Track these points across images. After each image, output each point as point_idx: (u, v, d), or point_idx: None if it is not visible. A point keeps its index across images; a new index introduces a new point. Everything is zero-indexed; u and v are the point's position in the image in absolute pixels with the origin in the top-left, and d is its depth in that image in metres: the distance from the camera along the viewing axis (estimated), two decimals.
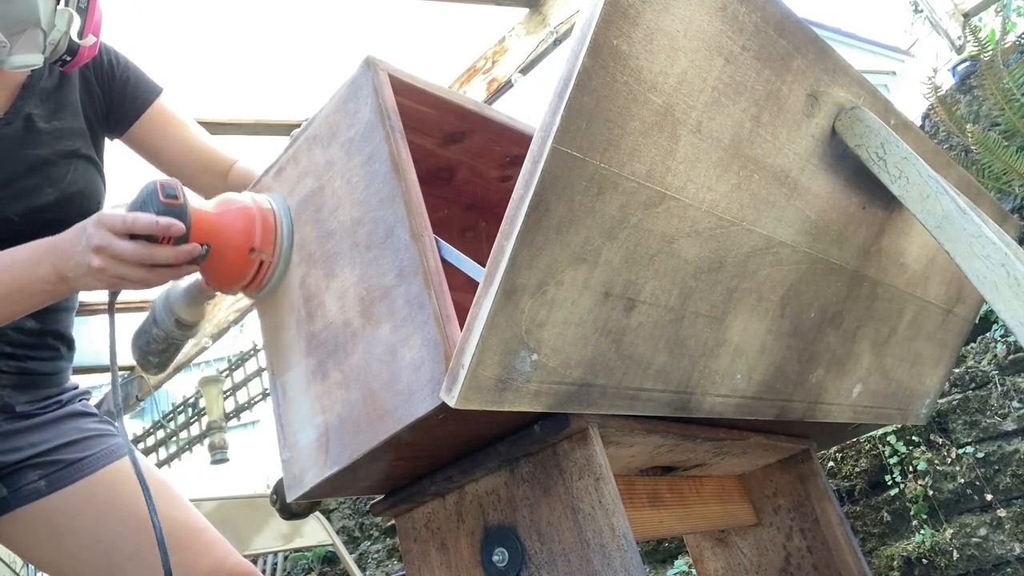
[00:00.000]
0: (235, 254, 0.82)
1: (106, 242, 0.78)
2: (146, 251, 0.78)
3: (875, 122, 0.80)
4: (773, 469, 1.25)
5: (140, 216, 0.78)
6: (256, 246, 0.82)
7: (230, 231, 0.82)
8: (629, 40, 0.59)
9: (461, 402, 0.59)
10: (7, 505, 1.05)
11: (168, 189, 0.80)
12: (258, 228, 0.83)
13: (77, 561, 1.05)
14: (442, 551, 0.82)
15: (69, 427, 1.11)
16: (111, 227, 0.79)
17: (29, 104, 1.04)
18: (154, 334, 0.92)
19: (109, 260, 0.79)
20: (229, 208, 0.83)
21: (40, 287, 0.85)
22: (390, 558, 3.30)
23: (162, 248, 0.79)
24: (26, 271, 0.85)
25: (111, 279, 0.81)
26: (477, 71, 2.98)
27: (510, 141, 1.01)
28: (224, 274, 0.84)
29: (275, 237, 0.84)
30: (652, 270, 0.69)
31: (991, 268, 0.72)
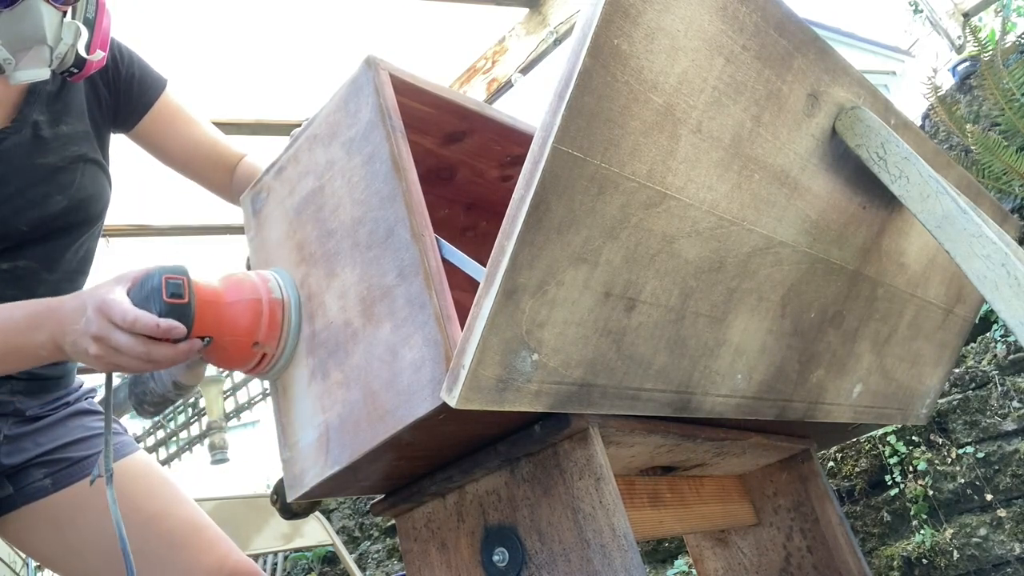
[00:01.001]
0: (237, 347, 0.81)
1: (104, 333, 0.77)
2: (144, 348, 0.77)
3: (875, 122, 0.80)
4: (773, 469, 1.25)
5: (140, 317, 0.76)
6: (260, 340, 0.81)
7: (235, 325, 0.80)
8: (630, 40, 0.59)
9: (462, 402, 0.59)
10: (13, 503, 1.05)
11: (173, 287, 0.78)
12: (264, 323, 0.81)
13: (83, 558, 1.06)
14: (442, 551, 0.82)
15: (75, 425, 1.12)
16: (111, 319, 0.77)
17: (35, 111, 1.03)
18: (150, 388, 0.91)
19: (107, 350, 0.77)
20: (237, 298, 0.81)
21: (36, 352, 0.84)
22: (390, 558, 3.30)
23: (161, 346, 0.77)
24: (23, 336, 0.84)
25: (108, 366, 0.80)
26: (477, 71, 2.98)
27: (511, 141, 1.01)
28: (224, 361, 0.84)
29: (281, 331, 0.82)
30: (653, 270, 0.69)
31: (991, 268, 0.72)
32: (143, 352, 0.76)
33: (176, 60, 2.90)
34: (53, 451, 1.08)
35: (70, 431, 1.10)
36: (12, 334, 0.84)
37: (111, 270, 1.23)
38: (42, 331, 0.83)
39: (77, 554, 1.06)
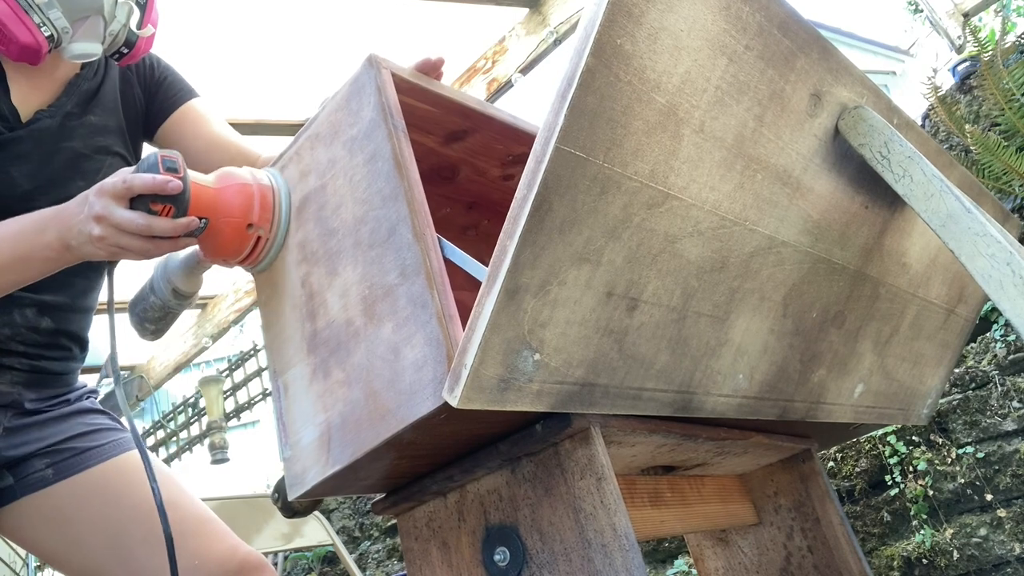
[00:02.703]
0: (232, 229, 0.83)
1: (106, 211, 0.79)
2: (145, 221, 0.79)
3: (879, 121, 0.80)
4: (774, 469, 1.25)
5: (138, 175, 0.79)
6: (254, 222, 0.83)
7: (228, 207, 0.83)
8: (633, 39, 0.59)
9: (463, 402, 0.59)
10: (13, 494, 1.04)
11: (168, 162, 0.81)
12: (256, 204, 0.84)
13: (84, 549, 1.05)
14: (443, 550, 0.82)
15: (77, 422, 1.11)
16: (112, 193, 0.79)
17: (71, 101, 1.06)
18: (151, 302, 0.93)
19: (109, 229, 0.80)
20: (228, 184, 0.84)
21: (44, 255, 0.86)
22: (390, 558, 3.30)
23: (161, 220, 0.80)
24: (31, 239, 0.86)
25: (111, 248, 0.82)
26: (477, 71, 2.98)
27: (512, 139, 1.01)
28: (221, 248, 0.85)
29: (273, 214, 0.85)
30: (655, 270, 0.69)
31: (996, 267, 0.72)
32: (144, 225, 0.79)
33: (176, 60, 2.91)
34: (56, 443, 1.07)
35: (72, 427, 1.10)
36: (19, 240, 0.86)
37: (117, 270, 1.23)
38: (48, 232, 0.85)
39: (78, 547, 1.05)
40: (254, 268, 0.88)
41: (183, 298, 0.92)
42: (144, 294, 0.94)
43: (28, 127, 1.01)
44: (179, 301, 0.93)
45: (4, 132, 1.00)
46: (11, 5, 0.91)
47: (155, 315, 0.93)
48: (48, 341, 1.09)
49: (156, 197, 0.79)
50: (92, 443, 1.09)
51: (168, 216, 0.80)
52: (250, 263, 0.87)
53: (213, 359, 6.88)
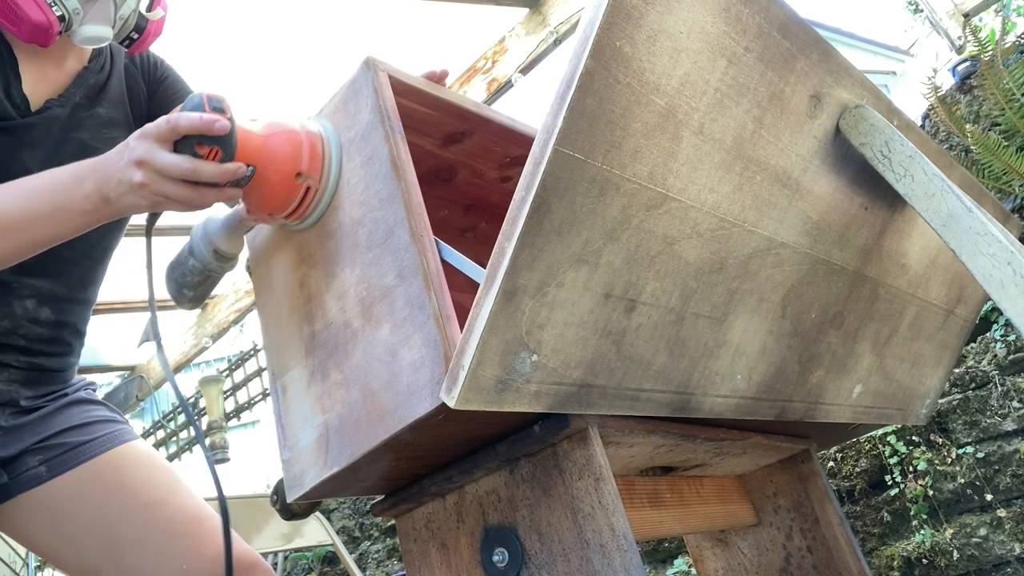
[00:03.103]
0: (281, 178, 0.78)
1: (149, 155, 0.74)
2: (190, 165, 0.74)
3: (880, 120, 0.80)
4: (773, 469, 1.25)
5: (183, 114, 0.73)
6: (303, 171, 0.78)
7: (277, 154, 0.78)
8: (632, 42, 0.59)
9: (461, 403, 0.59)
10: (8, 492, 1.04)
11: (214, 101, 0.75)
12: (305, 152, 0.79)
13: (78, 547, 1.04)
14: (442, 551, 0.82)
15: (73, 412, 1.10)
16: (155, 135, 0.74)
17: (80, 93, 1.06)
18: (190, 265, 0.87)
19: (152, 175, 0.75)
20: (276, 131, 0.79)
21: (81, 207, 0.81)
22: (390, 558, 3.30)
23: (207, 164, 0.74)
24: (68, 191, 0.81)
25: (153, 197, 0.76)
26: (477, 71, 2.98)
27: (510, 142, 1.01)
28: (269, 199, 0.80)
29: (322, 163, 0.80)
30: (653, 271, 0.69)
31: (997, 266, 0.72)
32: (189, 170, 0.73)
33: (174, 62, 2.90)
34: (49, 438, 1.06)
35: (68, 418, 1.09)
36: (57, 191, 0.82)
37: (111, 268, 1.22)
38: (86, 182, 0.80)
39: (73, 543, 1.04)
40: (300, 223, 0.82)
41: (225, 260, 0.87)
42: (182, 258, 0.88)
43: (39, 115, 1.01)
44: (220, 263, 0.87)
45: (16, 118, 0.99)
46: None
47: (195, 279, 0.87)
48: (49, 335, 1.08)
49: (203, 138, 0.74)
50: (86, 437, 1.08)
51: (215, 160, 0.75)
52: (297, 217, 0.82)
53: (213, 359, 6.88)
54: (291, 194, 0.79)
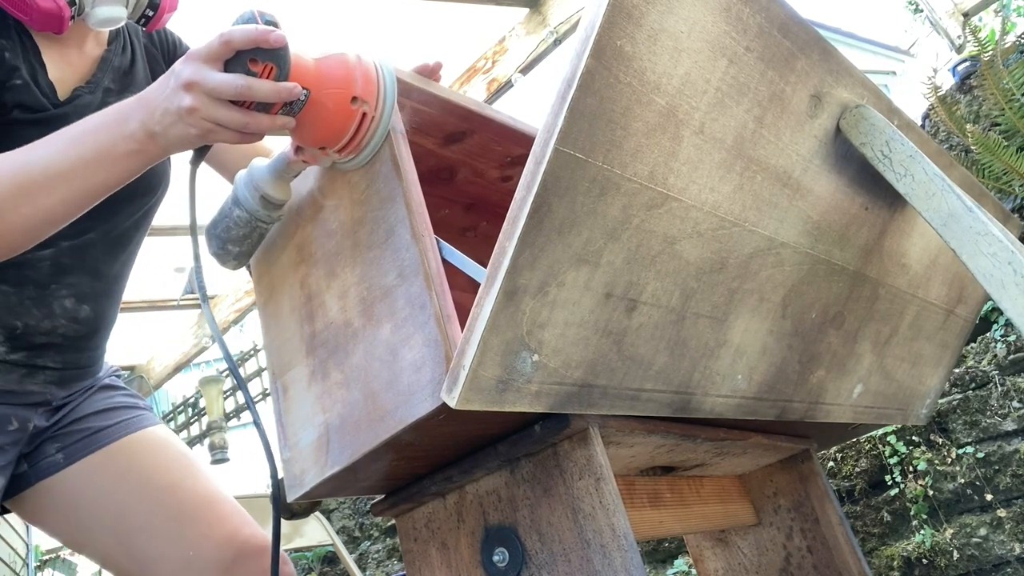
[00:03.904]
0: (336, 102, 0.74)
1: (198, 75, 0.69)
2: (244, 82, 0.69)
3: (880, 120, 0.80)
4: (773, 469, 1.25)
5: (236, 28, 0.69)
6: (358, 94, 0.74)
7: (331, 77, 0.74)
8: (633, 41, 0.59)
9: (462, 403, 0.59)
10: (27, 480, 1.04)
11: (266, 15, 0.71)
12: (359, 76, 0.74)
13: (92, 533, 1.05)
14: (442, 551, 0.82)
15: (95, 399, 1.11)
16: (205, 54, 0.69)
17: (107, 77, 1.03)
18: (235, 216, 0.81)
19: (202, 97, 0.70)
20: (328, 56, 0.75)
21: (127, 147, 0.75)
22: (390, 558, 3.30)
23: (262, 82, 0.69)
24: (112, 131, 0.75)
25: (203, 124, 0.71)
26: (477, 71, 2.98)
27: (511, 141, 1.01)
28: (323, 127, 0.75)
29: (377, 88, 0.75)
30: (654, 271, 0.69)
31: (997, 266, 0.72)
32: (244, 86, 0.69)
33: None
34: (68, 424, 1.07)
35: (90, 404, 1.10)
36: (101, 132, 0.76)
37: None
38: (131, 120, 0.75)
39: (87, 531, 1.05)
40: (354, 158, 0.77)
41: (273, 208, 0.81)
42: (225, 211, 0.82)
43: (71, 103, 0.98)
44: (269, 212, 0.81)
45: (49, 108, 0.96)
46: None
47: (240, 232, 0.81)
48: (87, 331, 1.06)
49: (257, 52, 0.69)
50: (102, 423, 1.08)
51: (270, 78, 0.70)
52: (352, 150, 0.76)
53: (213, 359, 6.88)
54: (347, 121, 0.74)
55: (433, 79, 0.89)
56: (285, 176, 0.81)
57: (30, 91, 0.92)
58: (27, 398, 1.03)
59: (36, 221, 0.77)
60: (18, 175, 0.75)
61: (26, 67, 0.93)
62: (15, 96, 0.91)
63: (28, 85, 0.92)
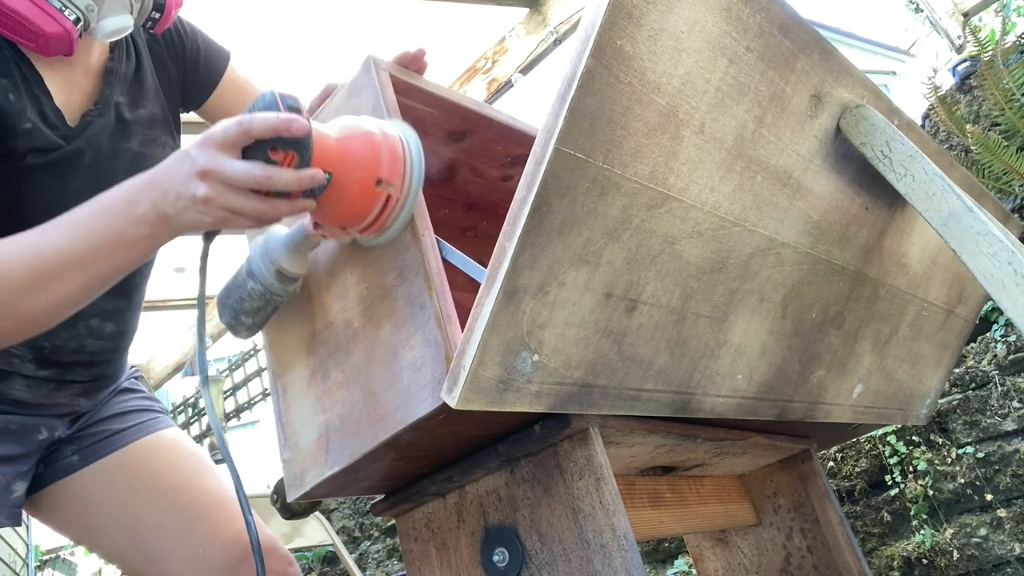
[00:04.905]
0: (360, 186, 0.70)
1: (214, 164, 0.65)
2: (263, 172, 0.65)
3: (880, 120, 0.80)
4: (773, 469, 1.25)
5: (257, 115, 0.65)
6: (383, 177, 0.70)
7: (354, 159, 0.70)
8: (633, 41, 0.59)
9: (462, 403, 0.59)
10: (43, 480, 1.06)
11: (289, 100, 0.67)
12: (385, 157, 0.70)
13: (105, 532, 1.06)
14: (442, 551, 0.82)
15: (114, 402, 1.12)
16: (222, 141, 0.65)
17: (116, 92, 0.99)
18: (249, 289, 0.77)
19: (218, 186, 0.66)
20: (352, 134, 0.71)
21: (139, 231, 0.71)
22: (390, 558, 3.30)
23: (282, 171, 0.65)
24: (122, 215, 0.71)
25: (219, 212, 0.67)
26: (477, 71, 2.98)
27: (511, 141, 1.01)
28: (345, 209, 0.71)
29: (403, 168, 0.72)
30: (654, 271, 0.69)
31: (998, 266, 0.72)
32: (262, 177, 0.65)
33: None
34: (86, 427, 1.08)
35: (108, 407, 1.11)
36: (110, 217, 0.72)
37: None
38: (141, 202, 0.70)
39: (102, 531, 1.06)
40: (378, 236, 0.74)
41: (289, 281, 0.77)
42: (239, 281, 0.78)
43: (83, 134, 0.94)
44: (284, 286, 0.77)
45: (62, 145, 0.91)
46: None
47: (254, 304, 0.77)
48: (112, 346, 1.07)
49: (278, 141, 0.65)
50: (118, 426, 1.09)
51: (291, 166, 0.66)
52: (374, 230, 0.73)
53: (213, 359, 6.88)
54: (370, 203, 0.71)
55: (416, 67, 0.87)
56: (302, 249, 0.77)
57: (40, 132, 0.89)
58: (56, 409, 1.05)
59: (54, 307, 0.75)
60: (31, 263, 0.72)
61: (31, 103, 0.89)
62: (26, 142, 0.88)
63: (37, 127, 0.89)
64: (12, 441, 1.00)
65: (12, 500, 1.00)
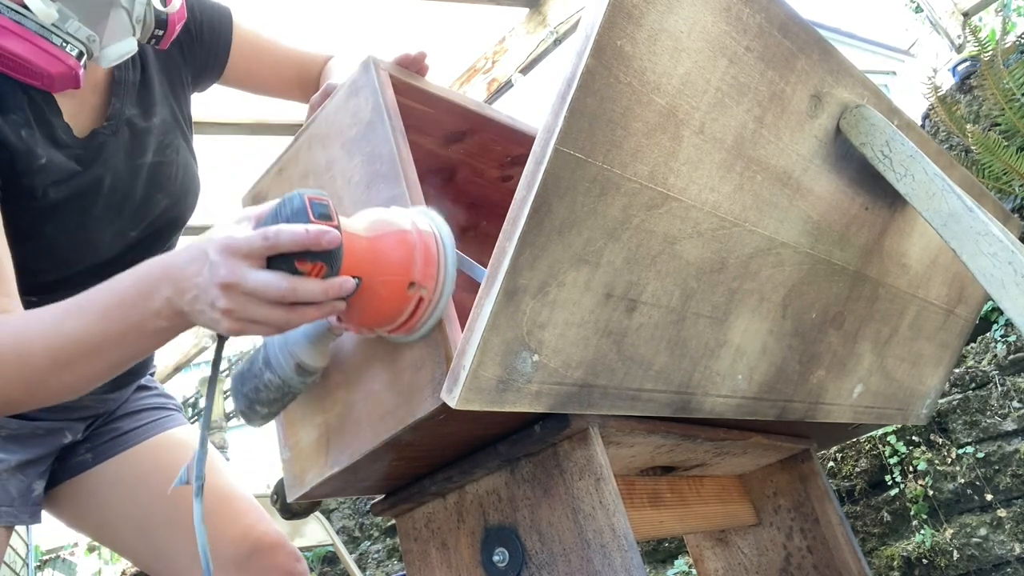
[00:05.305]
0: (391, 290, 0.66)
1: (237, 277, 0.61)
2: (288, 285, 0.61)
3: (880, 120, 0.80)
4: (773, 469, 1.25)
5: (284, 228, 0.60)
6: (416, 280, 0.66)
7: (387, 262, 0.66)
8: (633, 41, 0.59)
9: (462, 403, 0.59)
10: (56, 478, 1.07)
11: (319, 206, 0.62)
12: (419, 258, 0.67)
13: (117, 531, 1.07)
14: (442, 551, 0.82)
15: (129, 400, 1.13)
16: (247, 252, 0.61)
17: (126, 105, 0.97)
18: (266, 380, 0.73)
19: (240, 298, 0.61)
20: (384, 231, 0.67)
21: (154, 325, 0.68)
22: (390, 558, 3.30)
23: (309, 281, 0.61)
24: (137, 307, 0.68)
25: (239, 323, 0.63)
26: (477, 71, 2.98)
27: (511, 141, 1.01)
28: (374, 313, 0.68)
29: (437, 270, 0.68)
30: (654, 271, 0.69)
31: (998, 266, 0.72)
32: (287, 289, 0.61)
33: None
34: (100, 426, 1.09)
35: (124, 405, 1.12)
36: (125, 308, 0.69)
37: None
38: (157, 296, 0.67)
39: (114, 527, 1.07)
40: (407, 336, 0.71)
41: (308, 375, 0.73)
42: (255, 370, 0.74)
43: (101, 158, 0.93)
44: (303, 379, 0.73)
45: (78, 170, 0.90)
46: (25, 36, 0.78)
47: (270, 396, 0.73)
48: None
49: (306, 254, 0.61)
50: (131, 425, 1.10)
51: (318, 276, 0.62)
52: (403, 331, 0.70)
53: None
54: (401, 307, 0.67)
55: (417, 70, 0.87)
56: (324, 341, 0.73)
57: (54, 164, 0.88)
58: (84, 412, 1.06)
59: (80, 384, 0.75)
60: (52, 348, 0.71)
61: (43, 132, 0.88)
62: (44, 178, 0.88)
63: (51, 160, 0.88)
64: (38, 445, 1.02)
65: (33, 499, 1.02)
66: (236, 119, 2.94)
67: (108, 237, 0.96)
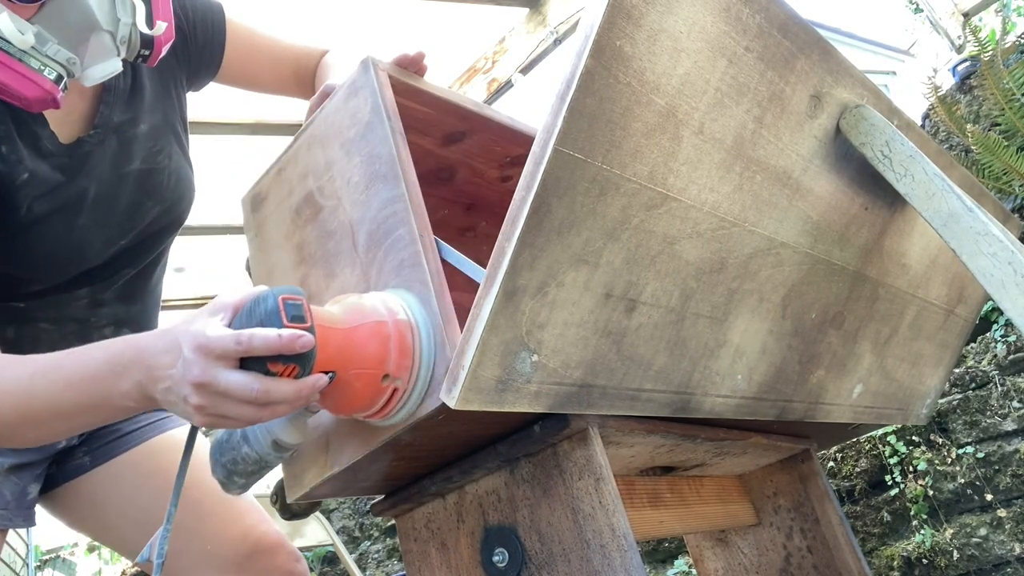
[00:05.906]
0: (365, 383, 0.67)
1: (209, 377, 0.61)
2: (261, 387, 0.61)
3: (880, 120, 0.80)
4: (773, 469, 1.25)
5: (257, 333, 0.61)
6: (390, 372, 0.67)
7: (361, 354, 0.66)
8: (632, 41, 0.59)
9: (461, 403, 0.59)
10: (55, 481, 1.07)
11: (292, 307, 0.62)
12: (394, 350, 0.67)
13: (119, 531, 1.08)
14: (442, 551, 0.82)
15: None
16: (219, 354, 0.61)
17: (116, 112, 0.96)
18: (243, 454, 0.73)
19: (212, 398, 0.62)
20: (360, 322, 0.67)
21: (122, 403, 0.69)
22: (390, 558, 3.30)
23: (281, 382, 0.62)
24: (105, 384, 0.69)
25: (211, 418, 0.64)
26: (477, 71, 2.98)
27: (510, 141, 1.01)
28: (348, 402, 0.69)
29: (412, 360, 0.68)
30: (653, 271, 0.69)
31: (998, 266, 0.72)
32: (259, 391, 0.61)
33: None
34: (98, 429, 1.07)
35: None
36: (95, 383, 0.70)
37: None
38: (127, 377, 0.68)
39: (115, 528, 1.08)
40: (381, 422, 0.72)
41: (285, 451, 0.73)
42: (234, 443, 0.74)
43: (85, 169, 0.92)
44: (280, 454, 0.73)
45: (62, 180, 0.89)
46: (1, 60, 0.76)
47: (248, 468, 0.73)
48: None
49: (279, 357, 0.61)
50: (129, 427, 1.10)
51: (291, 376, 0.63)
52: (379, 417, 0.71)
53: None
54: (375, 398, 0.68)
55: (416, 70, 0.86)
56: (300, 420, 0.74)
57: (37, 177, 0.88)
58: None
59: (51, 438, 0.77)
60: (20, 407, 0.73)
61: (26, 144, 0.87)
62: (27, 193, 0.87)
63: (34, 174, 0.88)
64: (32, 450, 1.02)
65: (27, 502, 1.02)
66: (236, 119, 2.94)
67: (97, 245, 0.96)
